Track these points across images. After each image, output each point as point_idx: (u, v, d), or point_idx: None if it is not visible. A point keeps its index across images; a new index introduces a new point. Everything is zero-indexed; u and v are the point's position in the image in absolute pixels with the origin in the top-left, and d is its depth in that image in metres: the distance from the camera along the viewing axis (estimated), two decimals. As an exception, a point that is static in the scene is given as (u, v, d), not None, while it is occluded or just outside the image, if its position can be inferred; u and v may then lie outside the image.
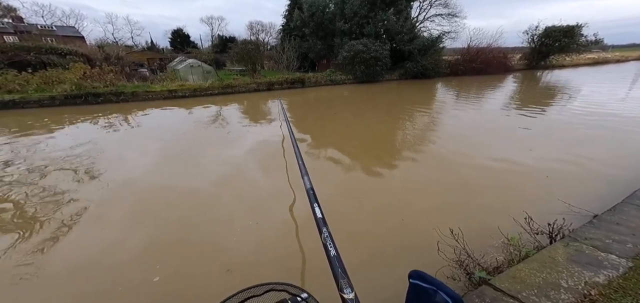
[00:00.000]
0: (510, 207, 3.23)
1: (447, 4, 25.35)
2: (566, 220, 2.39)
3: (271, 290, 0.91)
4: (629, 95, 11.16)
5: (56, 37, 26.43)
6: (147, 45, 37.98)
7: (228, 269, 2.61)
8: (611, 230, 2.29)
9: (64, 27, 34.50)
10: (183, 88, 14.93)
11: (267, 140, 6.73)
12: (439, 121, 8.40)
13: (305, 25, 23.62)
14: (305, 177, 1.54)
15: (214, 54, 26.56)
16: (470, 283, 2.04)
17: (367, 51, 18.60)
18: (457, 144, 5.96)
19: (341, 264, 0.84)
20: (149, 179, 4.66)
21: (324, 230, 0.99)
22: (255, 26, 34.88)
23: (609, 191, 3.63)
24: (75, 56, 16.34)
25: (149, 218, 3.49)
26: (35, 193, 4.17)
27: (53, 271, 2.65)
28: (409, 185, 4.29)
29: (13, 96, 11.80)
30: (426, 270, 0.71)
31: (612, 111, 8.40)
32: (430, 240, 2.53)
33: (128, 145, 6.65)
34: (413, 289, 0.70)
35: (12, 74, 13.07)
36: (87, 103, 12.52)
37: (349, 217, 3.43)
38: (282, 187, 4.17)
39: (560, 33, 25.65)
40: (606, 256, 1.94)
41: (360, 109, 10.83)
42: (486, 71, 23.12)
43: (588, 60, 33.37)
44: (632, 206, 2.70)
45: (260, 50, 21.70)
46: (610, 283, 1.67)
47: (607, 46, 50.14)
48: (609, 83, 15.40)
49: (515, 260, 2.08)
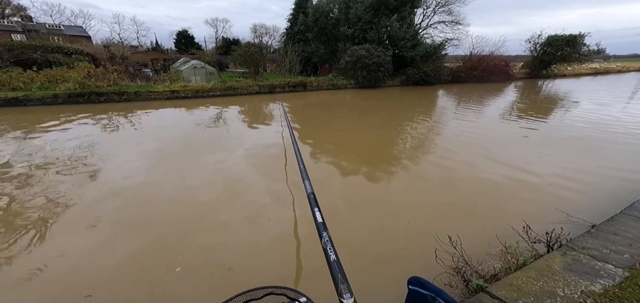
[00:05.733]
0: (508, 215, 3.24)
1: (451, 11, 25.47)
2: (564, 230, 2.40)
3: (270, 294, 0.92)
4: (631, 107, 11.17)
5: (64, 36, 26.70)
6: (152, 46, 38.27)
7: (230, 268, 2.64)
8: (609, 240, 2.30)
9: (72, 26, 34.88)
10: (186, 89, 15.02)
11: (268, 143, 6.76)
12: (439, 128, 8.42)
13: (309, 30, 23.81)
14: (306, 181, 1.56)
15: (218, 56, 26.70)
16: (468, 290, 2.05)
17: (369, 56, 18.70)
18: (457, 151, 5.98)
19: (341, 269, 0.83)
20: (146, 180, 4.68)
21: (324, 234, 0.99)
22: (259, 29, 35.11)
23: (607, 202, 3.64)
24: (80, 55, 16.51)
25: (145, 219, 3.51)
26: (23, 193, 4.18)
27: (42, 272, 2.67)
28: (407, 192, 4.30)
29: (16, 94, 11.88)
30: (424, 276, 0.74)
31: (613, 122, 8.41)
32: (429, 247, 2.54)
33: (126, 145, 6.68)
34: (412, 295, 0.72)
35: (17, 71, 13.20)
36: (89, 102, 12.60)
37: (349, 222, 3.45)
38: (282, 191, 4.20)
39: (563, 42, 25.72)
40: (603, 265, 1.96)
41: (361, 114, 10.87)
42: (488, 79, 23.18)
43: (590, 70, 33.40)
44: (630, 217, 2.72)
45: (263, 53, 21.84)
46: (606, 292, 1.69)
47: (609, 56, 50.22)
48: (610, 94, 15.42)
49: (513, 268, 2.10)
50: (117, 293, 2.41)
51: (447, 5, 25.11)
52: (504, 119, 9.33)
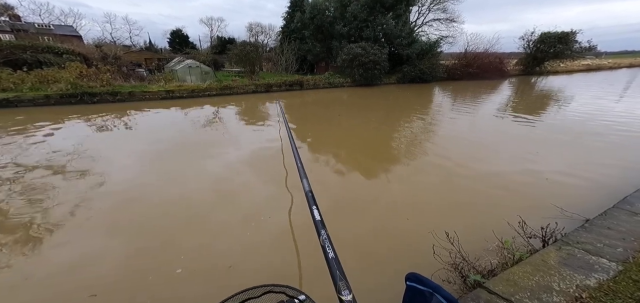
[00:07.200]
0: (505, 211, 3.27)
1: (445, 9, 25.64)
2: (559, 224, 2.43)
3: (269, 292, 0.92)
4: (624, 103, 11.37)
5: (53, 36, 26.17)
6: (145, 45, 37.74)
7: (229, 266, 2.62)
8: (602, 235, 2.34)
9: (62, 26, 34.18)
10: (181, 89, 14.87)
11: (265, 142, 6.73)
12: (434, 125, 8.47)
13: (305, 28, 23.72)
14: (304, 179, 1.55)
15: (213, 55, 26.47)
16: (465, 286, 2.07)
17: (365, 55, 18.71)
18: (452, 148, 6.02)
19: (339, 266, 0.84)
20: (143, 181, 4.64)
21: (322, 232, 0.99)
22: (255, 28, 34.81)
23: (600, 196, 3.70)
24: (72, 55, 16.21)
25: (144, 220, 3.47)
26: (19, 195, 4.12)
27: (32, 274, 2.63)
28: (405, 189, 4.32)
29: (7, 95, 11.64)
30: (422, 273, 0.73)
31: (606, 117, 8.55)
32: (426, 243, 2.56)
33: (121, 146, 6.60)
34: (410, 291, 0.71)
35: (7, 72, 12.92)
36: (82, 102, 12.40)
37: (347, 220, 3.45)
38: (281, 189, 4.18)
39: (555, 39, 26.08)
40: (597, 259, 1.98)
41: (359, 112, 10.88)
42: (482, 76, 23.37)
43: (582, 66, 33.89)
44: (622, 211, 2.76)
45: (259, 51, 21.71)
46: (600, 286, 1.71)
47: (600, 53, 51.04)
48: (602, 90, 15.68)
49: (509, 264, 2.12)
50: (120, 293, 2.39)
51: (441, 3, 25.28)
52: (499, 115, 9.42)
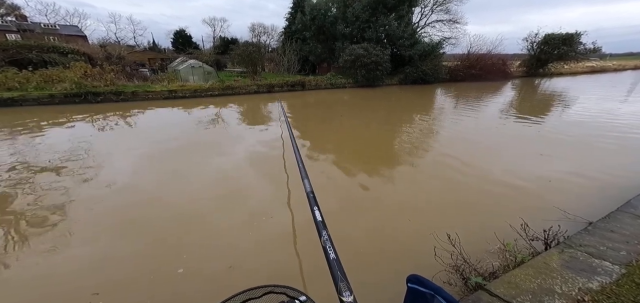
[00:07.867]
0: (507, 213, 3.25)
1: (448, 10, 25.55)
2: (561, 227, 2.42)
3: (270, 292, 0.92)
4: (629, 105, 11.26)
5: (59, 36, 26.44)
6: (149, 45, 37.98)
7: (230, 266, 2.64)
8: (605, 238, 2.32)
9: (67, 26, 34.45)
10: (183, 88, 14.97)
11: (267, 143, 6.75)
12: (437, 127, 8.45)
13: (306, 29, 23.76)
14: (305, 180, 1.54)
15: (216, 55, 26.58)
16: (467, 288, 2.06)
17: (368, 55, 18.70)
18: (454, 149, 6.00)
19: (340, 267, 0.83)
20: (145, 181, 4.67)
21: (323, 233, 0.99)
22: (257, 28, 34.87)
23: (603, 198, 3.67)
24: (76, 55, 16.38)
25: (146, 220, 3.49)
26: (23, 194, 4.16)
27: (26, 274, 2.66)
28: (407, 190, 4.31)
29: (12, 94, 11.78)
30: (423, 274, 0.73)
31: (610, 120, 8.47)
32: (428, 245, 2.55)
33: (124, 145, 6.64)
34: (411, 293, 0.71)
35: (12, 71, 13.07)
36: (86, 102, 12.53)
37: (348, 221, 3.45)
38: (282, 190, 4.19)
39: (559, 40, 25.88)
40: (600, 263, 1.97)
41: (361, 113, 10.88)
42: (485, 78, 23.28)
43: (586, 68, 33.61)
44: (626, 214, 2.74)
45: (261, 52, 21.79)
46: (603, 289, 1.70)
47: (605, 54, 50.55)
48: (607, 92, 15.54)
49: (511, 266, 2.11)
50: (121, 292, 2.41)
51: (444, 4, 25.20)
52: (502, 117, 9.37)
